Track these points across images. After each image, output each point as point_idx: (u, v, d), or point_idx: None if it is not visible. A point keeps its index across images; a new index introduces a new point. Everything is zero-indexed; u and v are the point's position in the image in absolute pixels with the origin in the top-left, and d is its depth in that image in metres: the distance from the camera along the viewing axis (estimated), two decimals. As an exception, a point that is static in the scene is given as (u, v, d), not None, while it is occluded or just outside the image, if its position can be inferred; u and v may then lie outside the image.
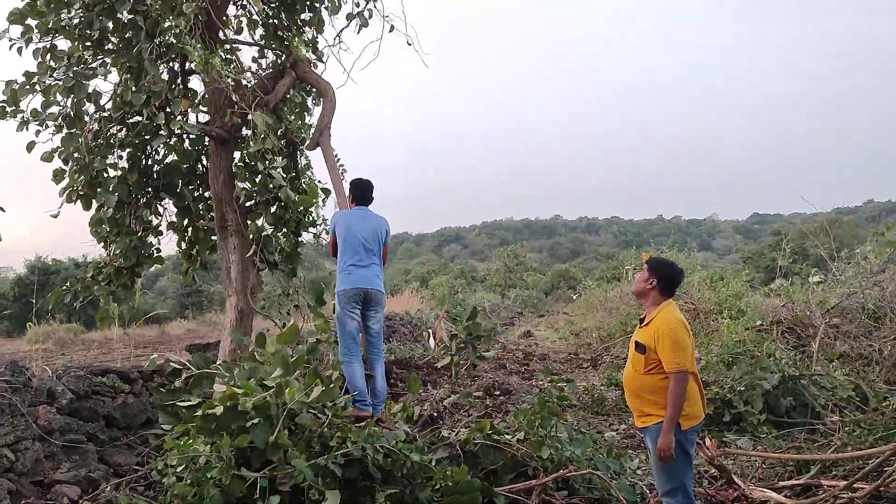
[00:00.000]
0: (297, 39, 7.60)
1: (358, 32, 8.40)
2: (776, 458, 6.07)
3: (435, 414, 7.69)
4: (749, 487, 5.38)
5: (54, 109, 7.32)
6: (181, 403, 5.09)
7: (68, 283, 8.27)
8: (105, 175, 7.57)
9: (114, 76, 7.67)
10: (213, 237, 8.48)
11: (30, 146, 7.41)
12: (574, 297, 28.49)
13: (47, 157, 7.49)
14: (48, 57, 7.40)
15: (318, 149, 7.50)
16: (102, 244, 8.10)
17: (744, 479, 5.60)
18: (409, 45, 8.37)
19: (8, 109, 7.25)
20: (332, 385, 5.33)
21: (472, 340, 6.53)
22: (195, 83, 8.21)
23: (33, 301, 10.42)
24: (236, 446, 4.28)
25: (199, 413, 4.59)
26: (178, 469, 4.37)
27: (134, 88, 7.18)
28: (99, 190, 7.54)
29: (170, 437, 4.87)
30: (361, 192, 6.44)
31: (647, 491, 5.78)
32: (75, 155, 7.41)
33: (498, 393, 10.64)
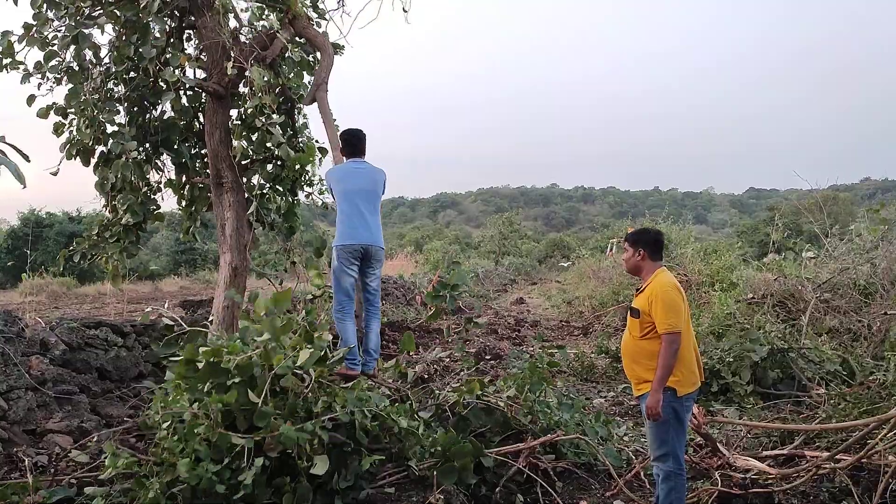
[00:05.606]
0: None
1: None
2: (761, 427, 6.14)
3: (426, 376, 7.75)
4: (733, 456, 5.45)
5: (55, 62, 7.19)
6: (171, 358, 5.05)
7: (75, 242, 8.18)
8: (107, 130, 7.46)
9: (110, 29, 7.54)
10: (210, 194, 8.44)
11: (30, 100, 7.32)
12: (565, 266, 28.48)
13: (43, 114, 7.39)
14: (45, 7, 7.26)
15: (316, 105, 7.38)
16: (105, 201, 7.97)
17: (728, 448, 5.68)
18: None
19: (5, 62, 7.14)
20: (321, 347, 5.28)
21: (450, 290, 6.44)
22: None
23: (28, 253, 10.37)
24: (223, 401, 4.26)
25: (182, 364, 4.59)
26: (164, 424, 4.33)
27: (134, 41, 7.05)
28: (111, 142, 7.38)
29: (157, 390, 4.85)
30: (353, 145, 6.15)
31: (633, 457, 5.87)
32: (81, 109, 7.27)
33: (489, 357, 10.73)
